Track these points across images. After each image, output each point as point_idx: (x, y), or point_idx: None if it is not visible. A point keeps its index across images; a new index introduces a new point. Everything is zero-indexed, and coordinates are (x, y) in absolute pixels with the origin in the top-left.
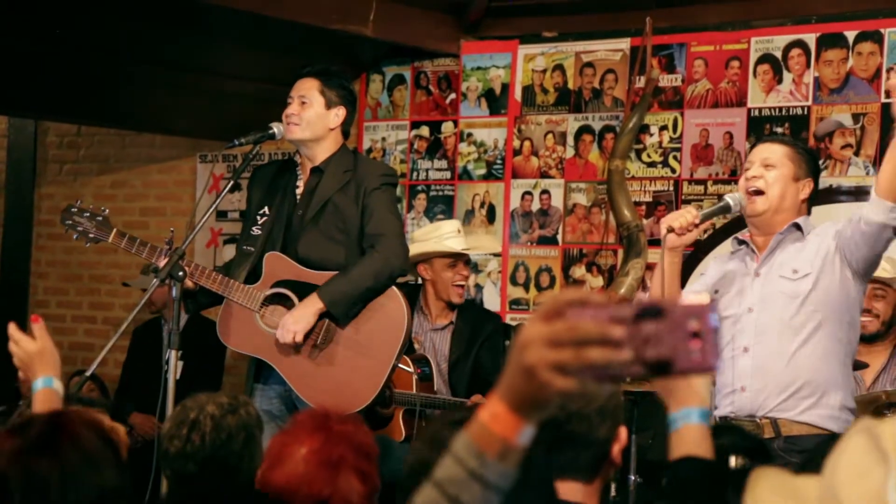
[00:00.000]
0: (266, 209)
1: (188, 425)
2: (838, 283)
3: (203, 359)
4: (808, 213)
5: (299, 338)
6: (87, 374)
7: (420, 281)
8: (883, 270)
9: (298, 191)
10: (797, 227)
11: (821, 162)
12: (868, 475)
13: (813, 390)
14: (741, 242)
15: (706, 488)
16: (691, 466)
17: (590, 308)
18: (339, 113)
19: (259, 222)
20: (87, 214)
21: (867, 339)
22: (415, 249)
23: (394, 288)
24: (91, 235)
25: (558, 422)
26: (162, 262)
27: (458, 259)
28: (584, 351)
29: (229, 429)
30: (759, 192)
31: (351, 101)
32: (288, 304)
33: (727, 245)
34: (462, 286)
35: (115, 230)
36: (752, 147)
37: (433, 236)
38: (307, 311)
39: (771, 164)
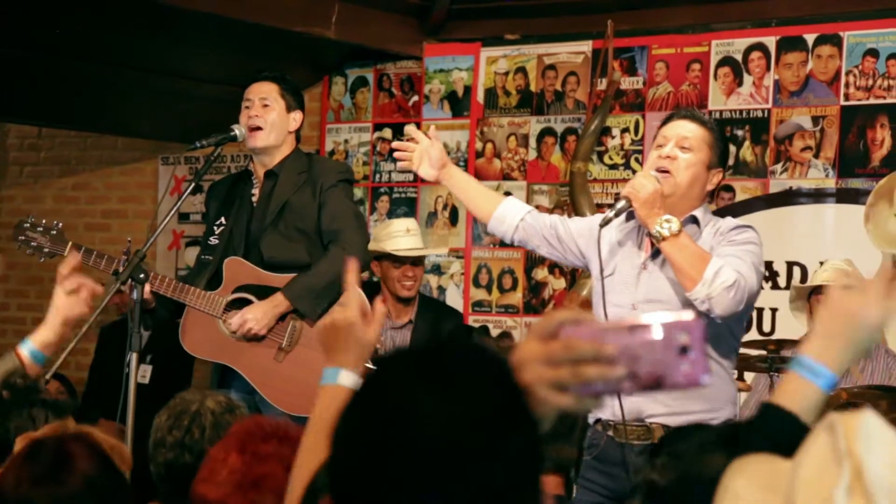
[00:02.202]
0: (223, 219)
1: (190, 417)
2: None
3: (173, 362)
4: (711, 202)
5: (255, 330)
6: (47, 376)
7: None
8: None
9: (254, 198)
10: (694, 220)
11: (780, 164)
12: (824, 476)
13: (702, 403)
14: (631, 217)
15: (779, 440)
16: (782, 416)
17: (583, 327)
18: (296, 117)
19: (216, 232)
20: (41, 229)
21: None
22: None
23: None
24: (46, 250)
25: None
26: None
27: (404, 259)
28: (579, 368)
29: (228, 426)
30: (667, 172)
31: (303, 106)
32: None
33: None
34: (409, 285)
35: (70, 243)
36: (667, 121)
37: (382, 234)
38: (268, 311)
39: (687, 147)
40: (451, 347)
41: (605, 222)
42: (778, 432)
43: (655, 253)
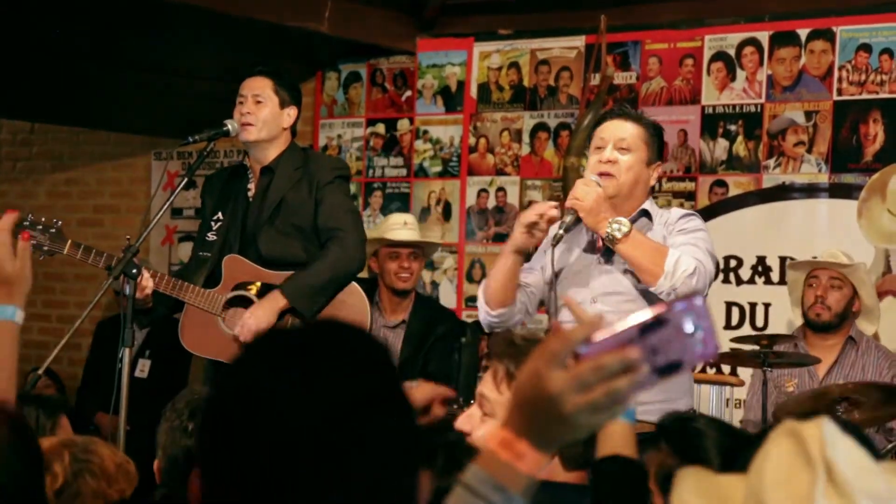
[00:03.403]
0: (220, 215)
1: None
2: None
3: (171, 357)
4: (654, 196)
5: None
6: (39, 371)
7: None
8: (836, 256)
9: (250, 193)
10: (645, 213)
11: (773, 159)
12: (795, 480)
13: (662, 393)
14: (577, 221)
15: (629, 487)
16: (616, 465)
17: (601, 341)
18: (291, 112)
19: (214, 228)
20: (40, 227)
21: (819, 329)
22: None
23: (354, 283)
24: (45, 248)
25: None
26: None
27: (401, 250)
28: (612, 384)
29: None
30: (610, 175)
31: (300, 101)
32: (249, 307)
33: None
34: (405, 277)
35: (69, 241)
36: (601, 121)
37: (381, 228)
38: (269, 309)
39: (626, 148)
40: (321, 329)
41: (557, 241)
42: (621, 476)
43: (608, 250)
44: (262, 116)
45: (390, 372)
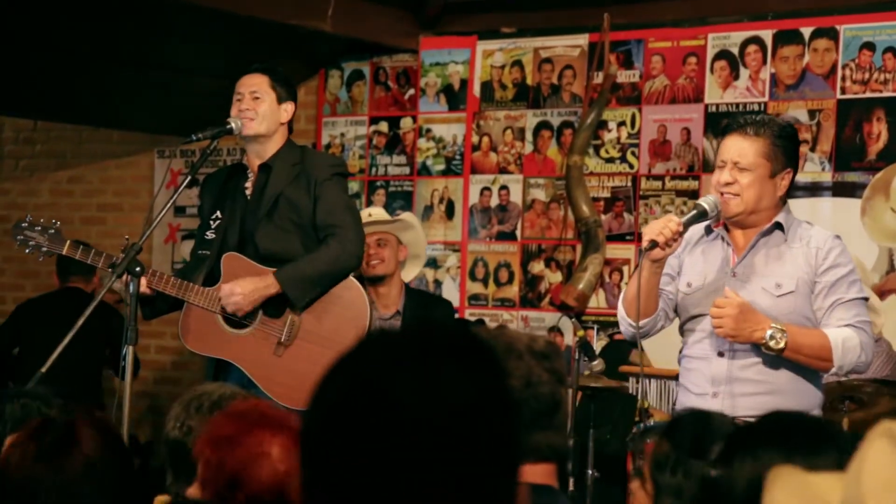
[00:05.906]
0: (218, 213)
1: (210, 402)
2: (810, 304)
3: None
4: (787, 199)
5: (243, 305)
6: (43, 370)
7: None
8: None
9: (248, 191)
10: (779, 227)
11: None
12: (894, 484)
13: (795, 405)
14: (710, 230)
15: None
16: None
17: None
18: (288, 108)
19: (213, 226)
20: (39, 228)
21: None
22: None
23: (352, 279)
24: (44, 249)
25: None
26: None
27: (367, 240)
28: None
29: None
30: (734, 195)
31: (296, 97)
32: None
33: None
34: (374, 263)
35: (68, 242)
36: (724, 134)
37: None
38: (255, 286)
39: (744, 167)
40: (435, 329)
41: (686, 226)
42: None
43: (741, 265)
44: (262, 111)
45: (499, 371)
